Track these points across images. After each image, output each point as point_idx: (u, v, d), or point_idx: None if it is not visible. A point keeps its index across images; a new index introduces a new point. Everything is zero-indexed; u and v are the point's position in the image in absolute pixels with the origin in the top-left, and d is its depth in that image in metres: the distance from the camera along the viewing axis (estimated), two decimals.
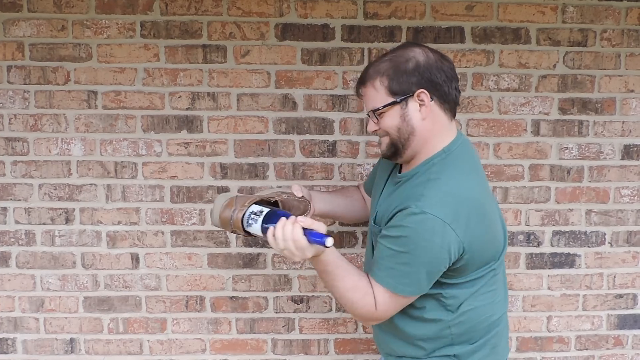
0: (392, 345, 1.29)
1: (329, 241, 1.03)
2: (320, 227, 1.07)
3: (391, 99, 1.14)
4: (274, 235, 1.09)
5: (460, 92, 1.19)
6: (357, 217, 1.56)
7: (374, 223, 1.26)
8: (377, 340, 1.38)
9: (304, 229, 1.06)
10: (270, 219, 1.14)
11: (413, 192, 1.12)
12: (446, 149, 1.16)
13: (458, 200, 1.09)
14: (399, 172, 1.26)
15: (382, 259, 1.14)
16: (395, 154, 1.20)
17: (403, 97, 1.13)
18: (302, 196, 1.34)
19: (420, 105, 1.14)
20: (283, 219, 1.09)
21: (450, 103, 1.16)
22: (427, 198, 1.08)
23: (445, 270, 1.11)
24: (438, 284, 1.14)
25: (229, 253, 1.78)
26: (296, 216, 1.10)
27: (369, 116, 1.20)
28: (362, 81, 1.20)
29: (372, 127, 1.21)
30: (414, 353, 1.24)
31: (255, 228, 1.17)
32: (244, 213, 1.20)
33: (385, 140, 1.20)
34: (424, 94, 1.12)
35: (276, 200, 1.28)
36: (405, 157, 1.20)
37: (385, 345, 1.32)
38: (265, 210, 1.17)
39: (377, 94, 1.16)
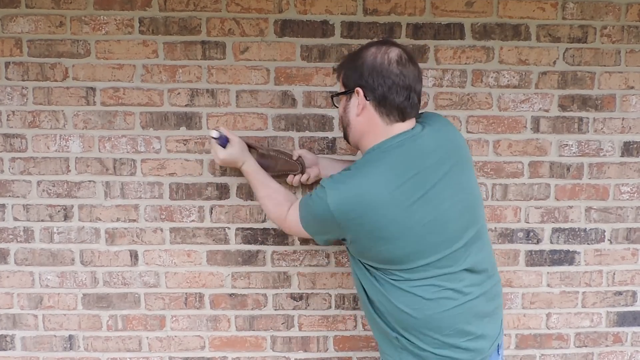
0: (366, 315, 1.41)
1: (213, 132, 1.46)
2: (231, 135, 1.49)
3: (343, 90, 1.29)
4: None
5: (412, 100, 1.21)
6: None
7: None
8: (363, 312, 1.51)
9: (220, 132, 1.46)
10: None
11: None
12: (376, 147, 1.23)
13: (355, 192, 1.16)
14: None
15: (309, 194, 1.30)
16: (345, 138, 1.35)
17: (347, 91, 1.26)
18: (296, 159, 1.59)
19: (359, 102, 1.23)
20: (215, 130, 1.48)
21: (386, 107, 1.20)
22: (333, 180, 1.21)
23: (335, 238, 1.27)
24: (365, 268, 1.27)
25: (228, 250, 1.78)
26: (282, 174, 1.58)
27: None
28: (334, 69, 1.37)
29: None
30: (374, 327, 1.36)
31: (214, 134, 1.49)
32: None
33: None
34: (360, 93, 1.22)
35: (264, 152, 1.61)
36: (351, 143, 1.33)
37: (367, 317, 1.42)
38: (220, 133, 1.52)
39: (339, 83, 1.31)
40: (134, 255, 1.77)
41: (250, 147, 1.59)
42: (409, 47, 1.67)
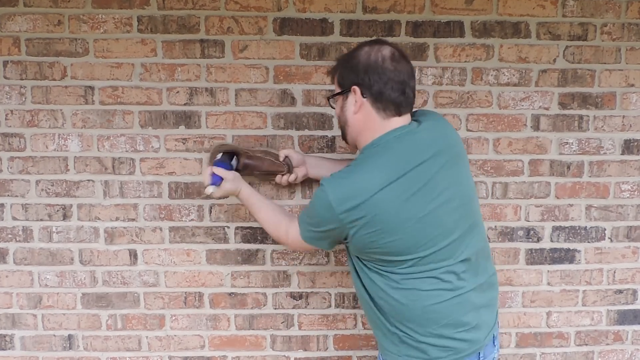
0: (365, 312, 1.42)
1: (209, 189, 1.44)
2: (223, 173, 1.44)
3: (339, 90, 1.31)
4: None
5: (407, 95, 1.24)
6: None
7: None
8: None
9: (214, 171, 1.44)
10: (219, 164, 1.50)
11: None
12: (374, 142, 1.25)
13: (356, 190, 1.17)
14: None
15: (307, 207, 1.33)
16: (342, 137, 1.37)
17: (343, 91, 1.28)
18: (283, 160, 1.59)
19: (356, 100, 1.25)
20: (209, 171, 1.46)
21: (383, 102, 1.23)
22: (333, 177, 1.22)
23: (339, 240, 1.28)
24: (364, 265, 1.28)
25: (228, 249, 1.77)
26: (270, 175, 1.61)
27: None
28: (329, 71, 1.39)
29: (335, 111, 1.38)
30: (373, 325, 1.38)
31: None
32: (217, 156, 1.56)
33: None
34: (357, 91, 1.24)
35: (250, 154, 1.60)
36: (349, 142, 1.36)
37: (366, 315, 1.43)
38: (219, 155, 1.55)
39: (335, 85, 1.33)
40: (133, 255, 1.76)
41: (235, 151, 1.58)
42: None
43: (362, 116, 1.26)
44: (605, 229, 1.82)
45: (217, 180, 1.44)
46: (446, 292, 1.23)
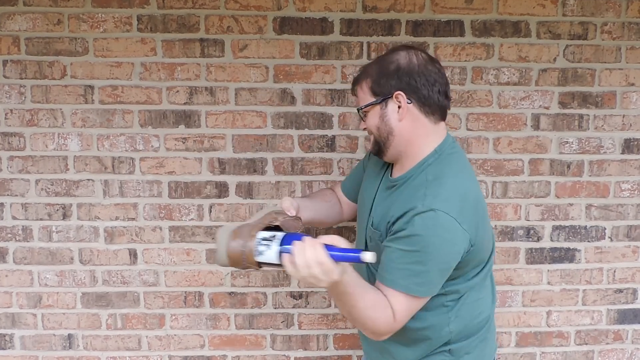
0: (390, 349, 1.26)
1: (367, 256, 0.92)
2: (340, 241, 0.97)
3: (372, 99, 1.20)
4: (293, 263, 0.96)
5: (448, 97, 1.21)
6: (336, 221, 1.56)
7: (372, 227, 1.26)
8: (369, 347, 1.35)
9: (325, 247, 0.96)
10: (285, 243, 1.01)
11: (415, 194, 1.13)
12: (438, 149, 1.19)
13: (461, 197, 1.11)
14: (391, 176, 1.27)
15: (391, 261, 1.11)
16: (379, 152, 1.25)
17: (383, 99, 1.18)
18: (296, 215, 1.25)
19: (398, 107, 1.17)
20: (299, 242, 0.96)
21: (431, 106, 1.18)
22: (432, 197, 1.09)
23: (455, 266, 1.12)
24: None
25: None
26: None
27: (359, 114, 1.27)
28: (355, 81, 1.27)
29: (362, 125, 1.27)
30: (412, 355, 1.24)
31: (269, 256, 1.02)
32: (255, 243, 1.05)
33: (372, 139, 1.26)
34: (401, 96, 1.16)
35: (277, 225, 1.15)
36: (389, 156, 1.23)
37: (380, 352, 1.29)
38: (279, 234, 1.04)
39: (364, 94, 1.22)
40: (133, 254, 1.76)
41: (266, 228, 1.14)
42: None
43: (410, 123, 1.18)
44: (605, 228, 1.82)
45: (355, 253, 0.95)
46: (491, 296, 1.30)
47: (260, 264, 1.06)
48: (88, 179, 1.73)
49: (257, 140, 1.73)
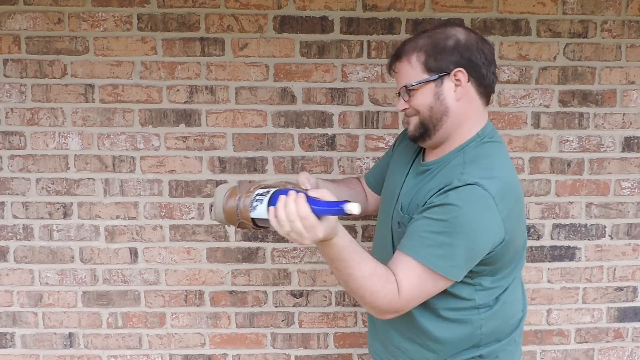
0: (406, 347, 1.18)
1: (350, 206, 0.85)
2: (327, 194, 0.91)
3: (426, 76, 1.08)
4: (276, 217, 0.91)
5: (497, 78, 1.13)
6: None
7: (401, 211, 1.15)
8: (380, 342, 1.27)
9: (309, 200, 0.90)
10: (275, 199, 0.94)
11: (451, 173, 1.05)
12: (480, 133, 1.11)
13: (503, 181, 1.02)
14: (423, 160, 1.19)
15: (415, 228, 1.02)
16: (423, 135, 1.13)
17: (440, 75, 1.07)
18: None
19: (456, 85, 1.08)
20: (283, 195, 0.91)
21: (486, 87, 1.10)
22: (471, 174, 1.01)
23: (485, 255, 1.02)
24: (472, 276, 1.07)
25: (228, 247, 1.77)
26: None
27: (400, 93, 1.14)
28: (397, 56, 1.13)
29: (402, 105, 1.14)
30: (433, 357, 1.15)
31: (260, 211, 0.97)
32: (251, 199, 1.01)
33: (414, 120, 1.13)
34: (462, 74, 1.07)
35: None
36: (435, 139, 1.12)
37: (395, 348, 1.21)
38: (273, 190, 0.99)
39: (412, 70, 1.10)
40: (133, 253, 1.77)
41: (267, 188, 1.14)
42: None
43: (466, 103, 1.09)
44: (605, 227, 1.82)
45: (337, 205, 0.89)
46: (521, 294, 1.24)
47: (254, 222, 1.02)
48: (88, 178, 1.73)
49: (257, 139, 1.73)
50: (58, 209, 1.74)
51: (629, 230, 1.82)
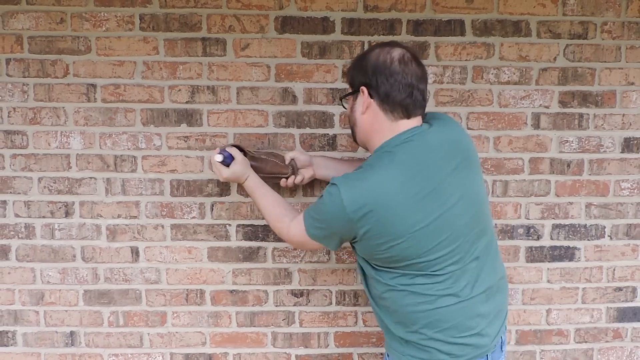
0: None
1: (217, 156, 1.46)
2: (234, 151, 1.48)
3: (350, 90, 1.32)
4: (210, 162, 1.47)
5: (415, 97, 1.23)
6: None
7: None
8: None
9: (222, 152, 1.47)
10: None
11: None
12: (384, 145, 1.25)
13: (367, 187, 1.17)
14: None
15: (313, 204, 1.32)
16: (354, 139, 1.38)
17: (354, 91, 1.30)
18: (288, 162, 1.57)
19: (364, 101, 1.26)
20: (218, 148, 1.51)
21: (391, 105, 1.23)
22: (346, 177, 1.22)
23: (344, 239, 1.28)
24: (370, 266, 1.29)
25: (229, 247, 1.78)
26: (274, 177, 1.56)
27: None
28: (346, 72, 1.39)
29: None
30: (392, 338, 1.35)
31: (217, 158, 1.48)
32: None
33: None
34: (364, 91, 1.25)
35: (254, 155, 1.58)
36: (360, 144, 1.37)
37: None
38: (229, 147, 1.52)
39: (348, 84, 1.34)
40: (135, 252, 1.77)
41: (242, 151, 1.55)
42: (414, 48, 1.67)
43: (370, 117, 1.26)
44: (605, 227, 1.83)
45: (228, 161, 1.47)
46: (450, 297, 1.22)
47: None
48: (90, 177, 1.73)
49: (258, 139, 1.73)
50: (60, 208, 1.75)
51: (629, 231, 1.83)
